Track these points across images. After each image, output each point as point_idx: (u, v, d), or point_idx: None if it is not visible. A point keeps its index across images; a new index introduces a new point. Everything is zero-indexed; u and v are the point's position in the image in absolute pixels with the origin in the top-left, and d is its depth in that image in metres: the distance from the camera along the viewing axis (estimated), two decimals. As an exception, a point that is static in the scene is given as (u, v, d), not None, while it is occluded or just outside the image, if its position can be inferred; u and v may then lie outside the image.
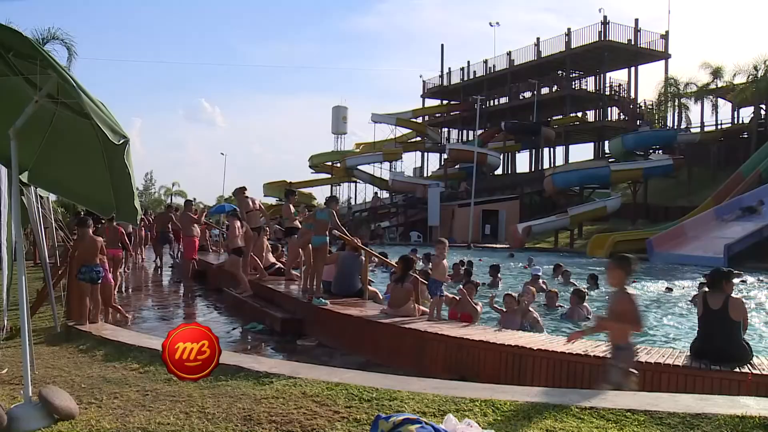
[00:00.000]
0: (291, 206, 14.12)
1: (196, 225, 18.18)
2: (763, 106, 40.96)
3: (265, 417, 4.67)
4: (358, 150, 60.78)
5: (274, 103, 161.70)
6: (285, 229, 15.16)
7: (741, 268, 22.02)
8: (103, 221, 13.89)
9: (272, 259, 15.67)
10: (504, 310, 10.33)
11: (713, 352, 6.69)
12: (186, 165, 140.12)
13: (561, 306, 12.84)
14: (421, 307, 9.68)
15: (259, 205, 15.48)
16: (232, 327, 11.28)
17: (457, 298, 10.09)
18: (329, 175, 58.80)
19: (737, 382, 6.11)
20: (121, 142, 4.47)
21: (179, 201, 59.52)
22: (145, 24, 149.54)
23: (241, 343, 10.02)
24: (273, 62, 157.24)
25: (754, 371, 6.25)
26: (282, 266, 14.98)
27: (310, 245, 11.62)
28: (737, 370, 6.35)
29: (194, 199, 38.01)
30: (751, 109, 41.08)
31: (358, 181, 57.87)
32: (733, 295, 6.95)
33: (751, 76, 38.89)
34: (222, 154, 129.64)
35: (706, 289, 7.28)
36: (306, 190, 56.24)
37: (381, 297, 11.51)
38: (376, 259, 13.20)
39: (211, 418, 4.69)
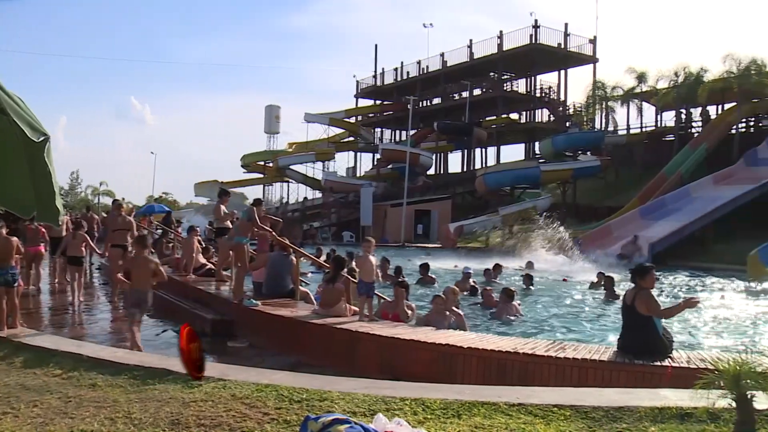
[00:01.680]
0: (222, 206, 13.92)
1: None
2: (684, 111, 42.29)
3: (193, 420, 4.60)
4: (290, 150, 60.33)
5: (206, 102, 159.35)
6: (216, 230, 14.96)
7: (664, 266, 22.83)
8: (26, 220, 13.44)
9: (202, 260, 15.44)
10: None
11: (634, 346, 6.90)
12: (115, 164, 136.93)
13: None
14: (353, 307, 9.68)
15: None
16: (162, 329, 11.06)
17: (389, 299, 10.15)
18: (261, 175, 58.25)
19: (658, 375, 6.30)
20: (40, 139, 4.31)
21: (107, 201, 58.03)
22: (72, 16, 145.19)
23: (170, 346, 9.83)
24: (205, 60, 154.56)
25: (674, 364, 6.46)
26: (212, 267, 14.77)
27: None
28: (658, 363, 6.55)
29: (123, 198, 37.16)
30: (673, 112, 42.42)
31: (290, 180, 57.49)
32: (649, 290, 7.17)
33: (672, 82, 40.12)
34: (152, 153, 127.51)
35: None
36: (238, 190, 55.56)
37: (312, 297, 11.45)
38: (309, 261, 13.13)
39: (137, 423, 4.59)
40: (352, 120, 62.11)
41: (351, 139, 62.07)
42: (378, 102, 65.13)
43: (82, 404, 5.13)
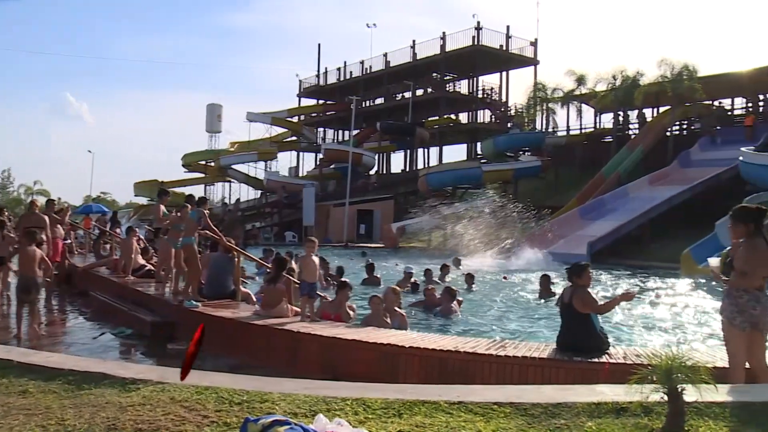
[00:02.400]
0: (162, 207, 13.67)
1: (60, 226, 17.25)
2: (621, 113, 43.28)
3: (131, 425, 4.49)
4: (232, 149, 59.74)
5: (146, 100, 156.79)
6: (155, 230, 14.72)
7: (603, 264, 23.35)
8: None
9: (142, 261, 15.17)
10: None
11: (572, 344, 7.05)
12: (50, 162, 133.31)
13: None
14: (294, 308, 9.62)
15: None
16: (99, 332, 10.82)
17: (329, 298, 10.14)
18: (203, 175, 57.53)
19: (596, 371, 6.43)
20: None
21: (42, 200, 56.46)
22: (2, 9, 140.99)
23: (108, 349, 9.63)
24: (144, 57, 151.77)
25: (611, 360, 6.61)
26: (152, 268, 14.52)
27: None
28: (596, 360, 6.69)
29: (59, 198, 36.19)
30: (612, 114, 43.39)
31: (232, 180, 56.92)
32: (586, 288, 7.32)
33: (610, 85, 41.01)
34: (89, 151, 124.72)
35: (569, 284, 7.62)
36: (179, 190, 54.73)
37: (254, 298, 11.36)
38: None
39: (71, 430, 4.46)
40: (295, 119, 61.86)
41: (293, 138, 61.76)
42: (321, 102, 65.03)
43: (11, 412, 4.93)
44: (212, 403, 4.94)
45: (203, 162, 57.31)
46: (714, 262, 6.56)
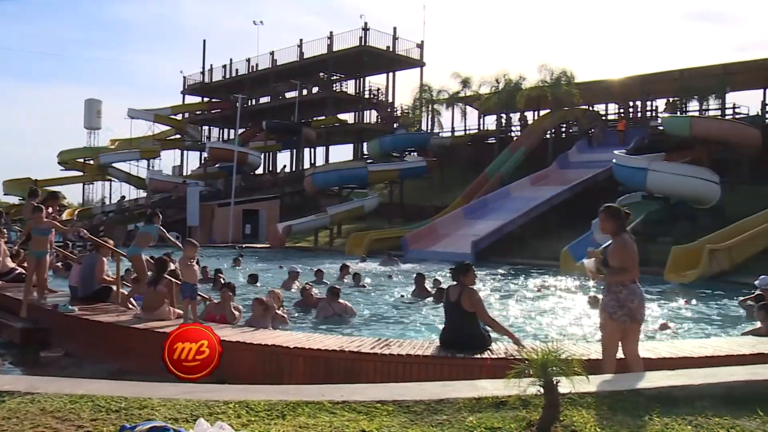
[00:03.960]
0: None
1: None
2: (504, 115, 44.58)
3: (-7, 441, 4.24)
4: (113, 147, 57.67)
5: (16, 92, 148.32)
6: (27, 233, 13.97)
7: (486, 262, 24.00)
8: None
9: (11, 264, 14.38)
10: None
11: (456, 341, 7.19)
12: None
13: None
14: (177, 310, 9.38)
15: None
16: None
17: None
18: (81, 173, 55.21)
19: (479, 367, 6.59)
20: None
21: None
22: None
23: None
24: (16, 45, 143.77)
25: (493, 356, 6.79)
26: (23, 272, 13.79)
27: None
28: (478, 356, 6.86)
29: None
30: (495, 116, 44.62)
31: (113, 179, 54.93)
32: (471, 287, 7.48)
33: (493, 88, 42.12)
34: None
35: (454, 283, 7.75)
36: (55, 188, 52.24)
37: (134, 301, 10.99)
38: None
39: None
40: (179, 117, 60.30)
41: (178, 136, 60.25)
42: (206, 99, 63.57)
43: None
44: (87, 412, 4.71)
45: (81, 160, 55.01)
46: (589, 263, 6.81)
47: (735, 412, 4.50)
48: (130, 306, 10.64)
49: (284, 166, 56.20)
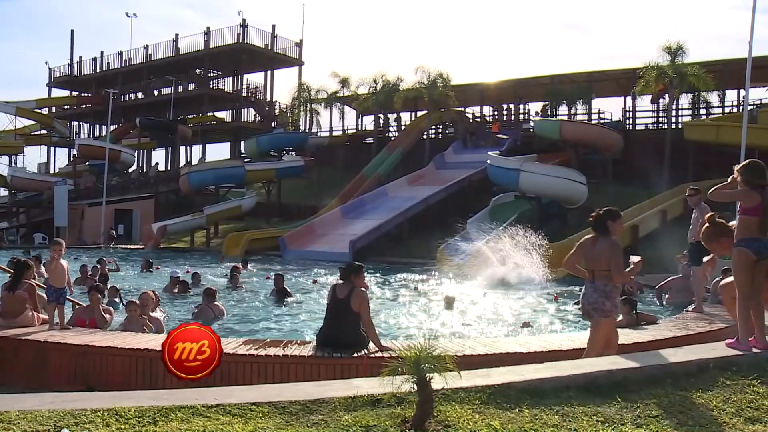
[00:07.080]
0: None
1: None
2: (382, 116, 45.11)
3: None
4: (-32, 141, 54.21)
5: None
6: None
7: (364, 261, 24.11)
8: None
9: None
10: None
11: (336, 340, 7.21)
12: None
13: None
14: (42, 316, 8.89)
15: None
16: None
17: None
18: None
19: (355, 367, 6.64)
20: None
21: None
22: None
23: None
24: None
25: (370, 355, 6.86)
26: None
27: None
28: (355, 355, 6.91)
29: None
30: (373, 117, 45.09)
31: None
32: (362, 289, 7.53)
33: (371, 88, 42.59)
34: None
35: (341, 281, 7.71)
36: None
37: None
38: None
39: None
40: (45, 111, 57.31)
41: (43, 132, 57.28)
42: (75, 93, 60.68)
43: None
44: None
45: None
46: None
47: (597, 399, 4.77)
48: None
49: (156, 164, 54.53)
